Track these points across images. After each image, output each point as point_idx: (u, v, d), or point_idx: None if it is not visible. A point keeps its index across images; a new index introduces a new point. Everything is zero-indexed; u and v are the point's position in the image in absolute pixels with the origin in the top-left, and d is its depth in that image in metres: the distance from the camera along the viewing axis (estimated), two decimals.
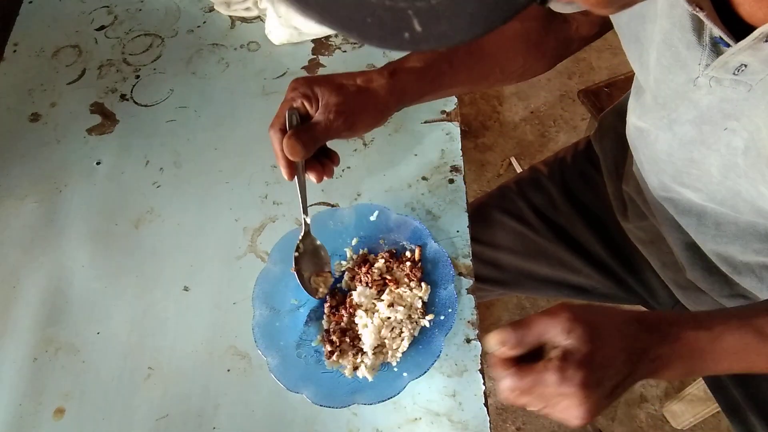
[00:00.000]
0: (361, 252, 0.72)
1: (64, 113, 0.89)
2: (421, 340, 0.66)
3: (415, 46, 0.28)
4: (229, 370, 0.68)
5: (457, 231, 0.75)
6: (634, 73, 0.67)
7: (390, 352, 0.65)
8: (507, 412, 1.48)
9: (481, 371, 0.66)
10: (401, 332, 0.66)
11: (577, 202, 0.91)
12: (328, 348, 0.66)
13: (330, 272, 0.69)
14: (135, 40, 0.97)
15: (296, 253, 0.67)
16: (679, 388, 1.43)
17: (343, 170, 0.81)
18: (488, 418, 0.64)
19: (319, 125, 0.61)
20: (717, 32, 0.49)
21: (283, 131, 0.61)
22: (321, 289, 0.69)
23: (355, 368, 0.65)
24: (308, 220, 0.67)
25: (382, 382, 0.63)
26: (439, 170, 0.80)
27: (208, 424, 0.65)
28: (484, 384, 0.66)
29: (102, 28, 0.99)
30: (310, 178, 0.65)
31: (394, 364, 0.65)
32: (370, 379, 0.63)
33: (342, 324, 0.67)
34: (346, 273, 0.72)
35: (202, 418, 0.66)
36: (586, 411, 0.47)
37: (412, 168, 0.81)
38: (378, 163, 0.82)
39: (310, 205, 0.78)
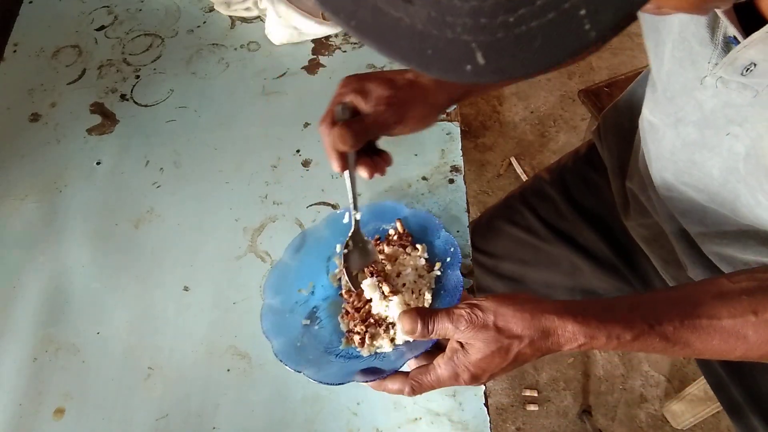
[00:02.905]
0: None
1: (64, 113, 0.89)
2: (440, 287, 0.67)
3: (476, 78, 0.27)
4: (229, 370, 0.68)
5: (458, 231, 0.75)
6: (634, 73, 0.67)
7: None
8: (507, 412, 1.48)
9: None
10: (420, 290, 0.67)
11: (580, 207, 0.92)
12: (357, 339, 0.65)
13: (378, 261, 0.69)
14: (135, 40, 0.97)
15: (345, 250, 0.67)
16: (679, 388, 1.43)
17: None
18: (488, 418, 0.64)
19: (369, 117, 0.61)
20: (732, 31, 0.48)
21: (333, 125, 0.61)
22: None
23: (392, 340, 0.65)
24: (358, 216, 0.66)
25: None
26: (439, 170, 0.80)
27: (208, 424, 0.65)
28: (484, 384, 0.66)
29: (102, 28, 0.99)
30: (361, 173, 0.64)
31: None
32: (411, 339, 0.62)
33: (357, 318, 0.67)
34: (343, 279, 0.71)
35: (202, 418, 0.66)
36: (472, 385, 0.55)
37: (412, 168, 0.81)
38: None
39: (309, 206, 0.79)
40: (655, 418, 1.45)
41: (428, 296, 0.67)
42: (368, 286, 0.67)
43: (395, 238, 0.72)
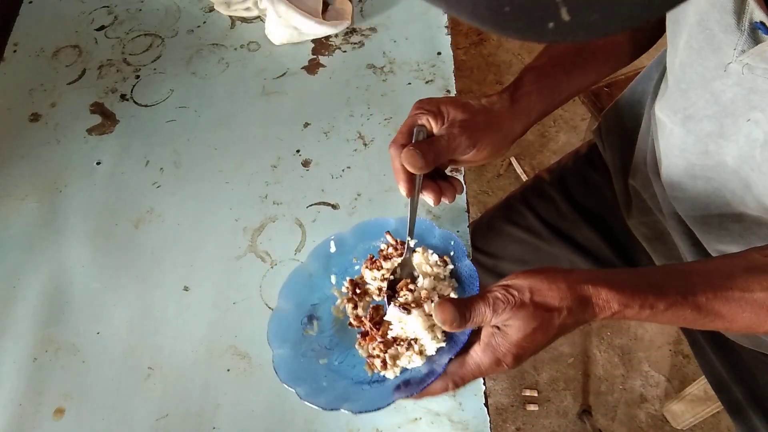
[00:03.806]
0: (344, 285, 0.69)
1: (64, 113, 0.89)
2: (459, 284, 0.64)
3: (560, 37, 0.24)
4: (229, 370, 0.68)
5: (458, 231, 0.75)
6: (634, 73, 0.67)
7: None
8: (507, 412, 1.48)
9: None
10: (441, 293, 0.62)
11: (580, 207, 0.92)
12: (378, 363, 0.61)
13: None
14: (135, 40, 0.97)
15: (391, 277, 0.64)
16: (679, 388, 1.43)
17: (343, 170, 0.81)
18: (488, 418, 0.64)
19: (442, 139, 0.60)
20: (759, 16, 0.48)
21: (405, 147, 0.59)
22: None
23: (420, 353, 0.60)
24: (412, 244, 0.64)
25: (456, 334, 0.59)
26: None
27: (208, 423, 0.65)
28: (484, 384, 0.66)
29: (102, 28, 0.99)
30: (427, 199, 0.63)
31: None
32: (444, 345, 0.59)
33: (376, 342, 0.63)
34: (347, 308, 0.67)
35: (202, 418, 0.66)
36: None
37: None
38: (378, 163, 0.82)
39: (309, 206, 0.79)
40: (655, 418, 1.45)
41: (454, 297, 0.62)
42: (395, 317, 0.62)
43: (390, 251, 0.67)
